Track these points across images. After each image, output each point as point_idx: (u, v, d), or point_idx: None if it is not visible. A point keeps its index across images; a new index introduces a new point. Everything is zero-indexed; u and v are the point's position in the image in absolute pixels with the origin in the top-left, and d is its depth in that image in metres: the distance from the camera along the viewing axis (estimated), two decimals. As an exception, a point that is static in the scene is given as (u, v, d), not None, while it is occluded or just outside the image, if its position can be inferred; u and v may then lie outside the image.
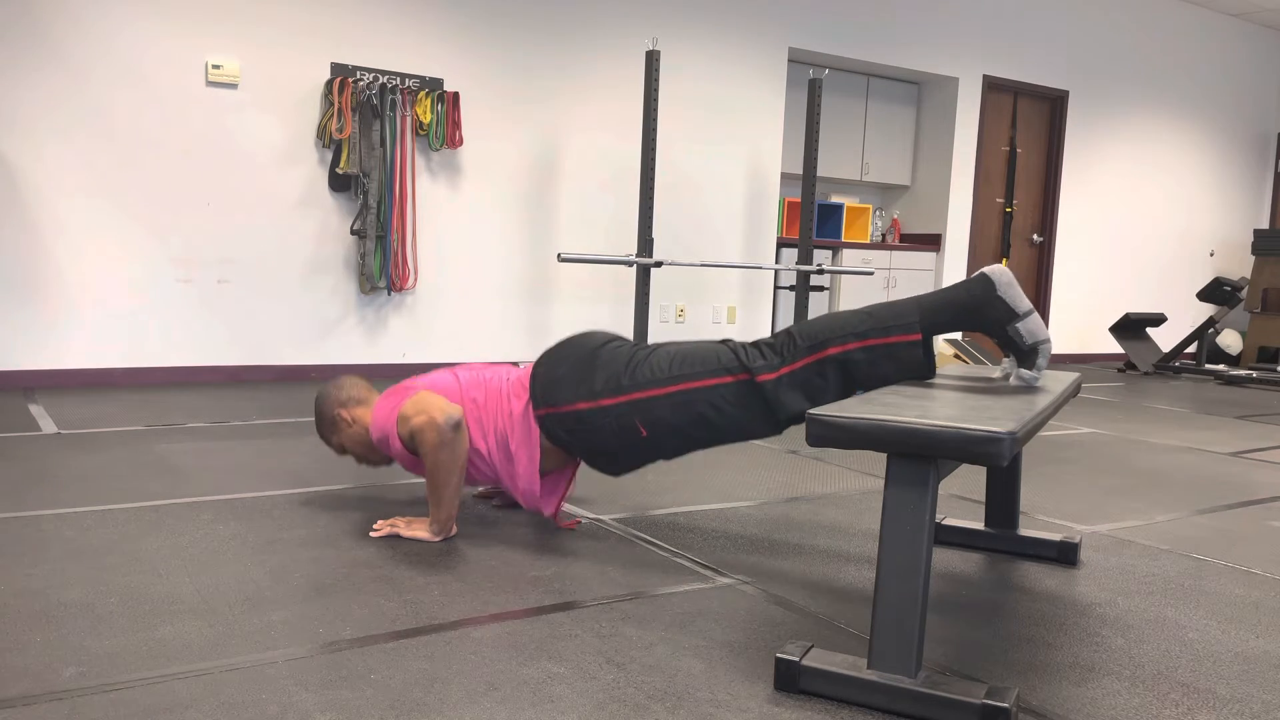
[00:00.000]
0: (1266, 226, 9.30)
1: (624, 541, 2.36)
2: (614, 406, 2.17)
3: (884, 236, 7.63)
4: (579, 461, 2.47)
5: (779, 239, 6.68)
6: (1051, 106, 7.87)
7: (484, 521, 2.49)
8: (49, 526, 2.31)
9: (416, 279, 5.30)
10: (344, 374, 3.50)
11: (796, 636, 1.79)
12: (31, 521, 2.34)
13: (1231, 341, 8.56)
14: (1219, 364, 7.87)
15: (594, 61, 5.76)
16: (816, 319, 2.07)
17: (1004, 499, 2.37)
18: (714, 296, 6.38)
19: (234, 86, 4.78)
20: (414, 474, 2.41)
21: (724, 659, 1.68)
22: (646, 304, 5.10)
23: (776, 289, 6.69)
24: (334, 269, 5.10)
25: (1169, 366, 7.23)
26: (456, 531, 2.35)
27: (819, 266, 5.78)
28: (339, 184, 5.04)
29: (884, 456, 2.60)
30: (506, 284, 5.62)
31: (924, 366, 1.98)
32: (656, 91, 5.04)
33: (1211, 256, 9.02)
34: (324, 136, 4.94)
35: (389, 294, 5.25)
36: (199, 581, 1.96)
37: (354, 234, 5.06)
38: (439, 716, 1.43)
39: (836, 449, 1.93)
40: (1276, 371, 7.16)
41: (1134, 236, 8.42)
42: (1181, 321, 8.88)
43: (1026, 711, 1.52)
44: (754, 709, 1.49)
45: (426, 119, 5.17)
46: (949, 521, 2.45)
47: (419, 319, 5.36)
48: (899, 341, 1.96)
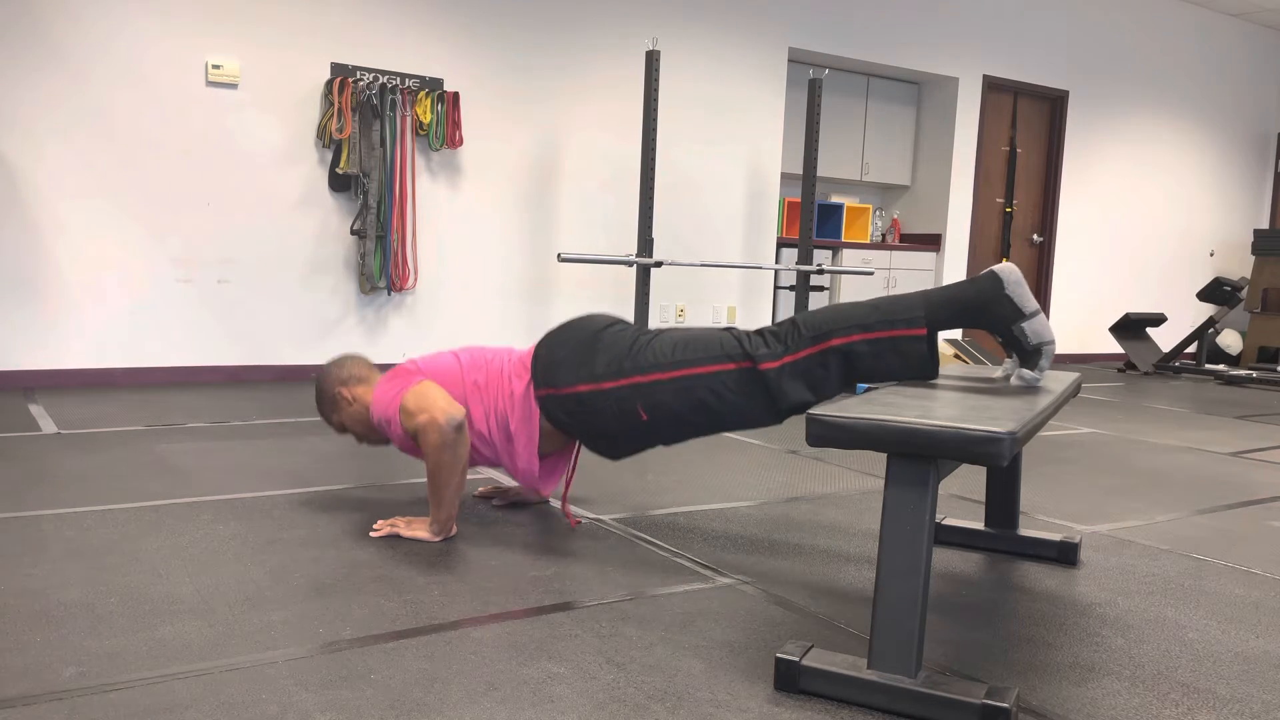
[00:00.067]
0: (1266, 226, 9.30)
1: (624, 541, 2.36)
2: (615, 389, 2.17)
3: (884, 236, 7.62)
4: (579, 446, 2.47)
5: (779, 239, 6.68)
6: (1051, 106, 7.87)
7: (484, 521, 2.49)
8: (49, 526, 2.31)
9: (416, 279, 5.30)
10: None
11: (796, 636, 1.79)
12: (31, 521, 2.34)
13: (1231, 341, 8.56)
14: (1219, 364, 7.87)
15: (594, 61, 5.75)
16: (821, 309, 2.06)
17: (1004, 499, 2.37)
18: (714, 296, 6.38)
19: (234, 86, 4.78)
20: (412, 456, 2.43)
21: (724, 659, 1.68)
22: (646, 304, 5.09)
23: (776, 289, 6.69)
24: (334, 269, 5.10)
25: (1169, 366, 7.23)
26: (456, 531, 2.35)
27: (819, 266, 5.78)
28: (339, 184, 5.04)
29: (884, 456, 2.60)
30: (506, 284, 5.62)
31: (927, 361, 1.96)
32: (656, 91, 5.04)
33: (1211, 256, 9.02)
34: (324, 136, 4.94)
35: (389, 294, 5.25)
36: (199, 581, 1.96)
37: (354, 234, 5.06)
38: (439, 716, 1.43)
39: (836, 449, 1.93)
40: (1276, 371, 7.15)
41: (1134, 236, 8.42)
42: (1181, 321, 8.88)
43: (1026, 711, 1.52)
44: (754, 709, 1.49)
45: (426, 119, 5.16)
46: (949, 521, 2.45)
47: (419, 319, 5.36)
48: (903, 335, 1.94)
